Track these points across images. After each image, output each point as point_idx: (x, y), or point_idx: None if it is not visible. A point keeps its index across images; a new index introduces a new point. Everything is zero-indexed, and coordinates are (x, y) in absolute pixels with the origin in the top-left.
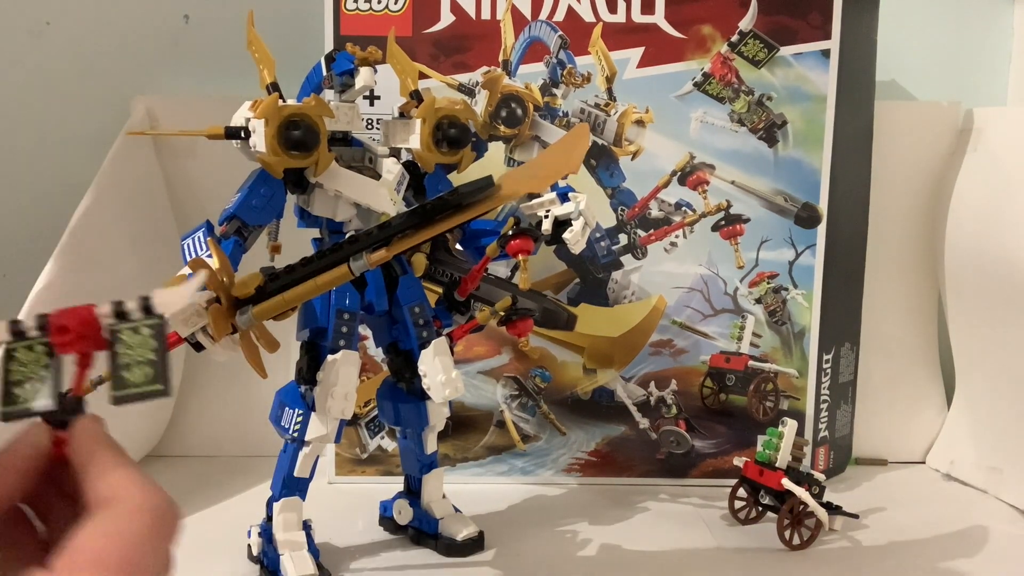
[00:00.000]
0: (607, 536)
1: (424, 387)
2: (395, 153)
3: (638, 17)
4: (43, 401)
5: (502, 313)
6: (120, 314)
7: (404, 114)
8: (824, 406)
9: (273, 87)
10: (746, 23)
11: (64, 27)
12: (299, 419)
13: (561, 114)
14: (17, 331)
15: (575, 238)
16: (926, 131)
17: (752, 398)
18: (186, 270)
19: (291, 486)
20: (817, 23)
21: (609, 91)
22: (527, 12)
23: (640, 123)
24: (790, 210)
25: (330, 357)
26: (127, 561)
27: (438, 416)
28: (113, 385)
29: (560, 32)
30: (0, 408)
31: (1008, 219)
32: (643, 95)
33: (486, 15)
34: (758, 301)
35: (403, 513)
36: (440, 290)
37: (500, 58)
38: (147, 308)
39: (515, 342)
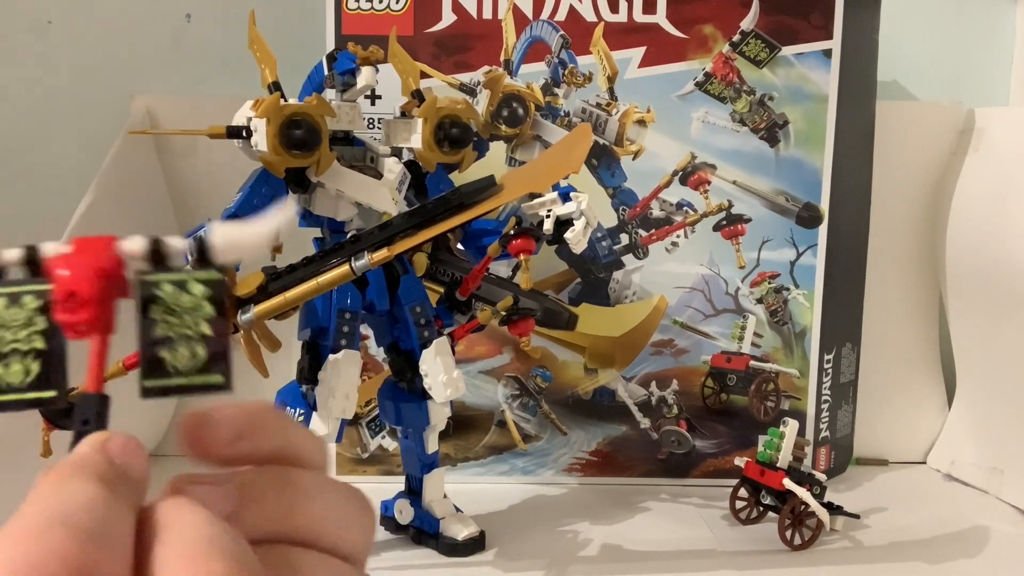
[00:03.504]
0: (608, 536)
1: (425, 387)
2: (396, 152)
3: (640, 17)
4: (45, 393)
5: (503, 313)
6: (157, 257)
7: (405, 113)
8: (825, 406)
9: (275, 86)
10: (748, 23)
11: (65, 26)
12: (300, 419)
13: (563, 114)
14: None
15: (576, 238)
16: (927, 131)
17: (753, 398)
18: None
19: None
20: (819, 23)
21: (611, 91)
22: (528, 12)
23: (641, 123)
24: (791, 210)
25: (331, 357)
26: None
27: (439, 416)
28: (145, 370)
29: (561, 32)
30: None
31: (1009, 219)
32: (644, 95)
33: (488, 15)
34: (759, 301)
35: (404, 513)
36: (441, 290)
37: (501, 58)
38: (201, 252)
39: (516, 342)
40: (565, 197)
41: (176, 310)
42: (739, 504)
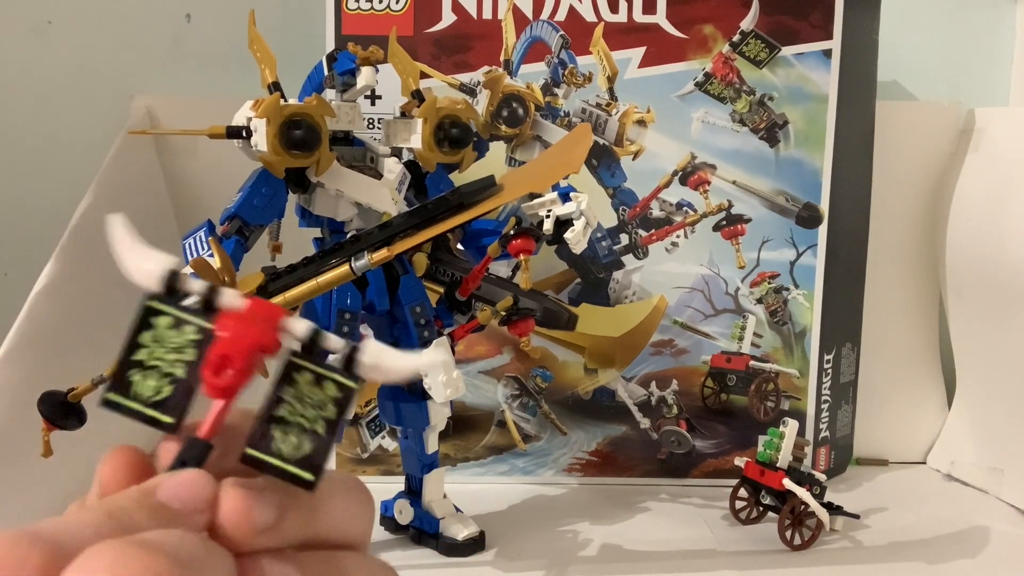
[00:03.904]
0: (608, 536)
1: (425, 387)
2: (396, 153)
3: (639, 17)
4: (164, 416)
5: (503, 313)
6: (311, 346)
7: (405, 114)
8: (825, 406)
9: (274, 86)
10: (748, 23)
11: (65, 26)
12: None
13: (562, 114)
14: (173, 288)
15: (576, 238)
16: (927, 131)
17: (753, 398)
18: (187, 270)
19: None
20: (819, 23)
21: (610, 91)
22: (528, 12)
23: (641, 123)
24: (791, 210)
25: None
26: None
27: (439, 416)
28: (252, 437)
29: (561, 32)
30: (105, 392)
31: (1009, 219)
32: (644, 95)
33: (487, 15)
34: (759, 301)
35: (404, 513)
36: (441, 290)
37: (501, 58)
38: (350, 360)
39: (516, 342)
40: (565, 197)
41: (304, 399)
42: (739, 504)
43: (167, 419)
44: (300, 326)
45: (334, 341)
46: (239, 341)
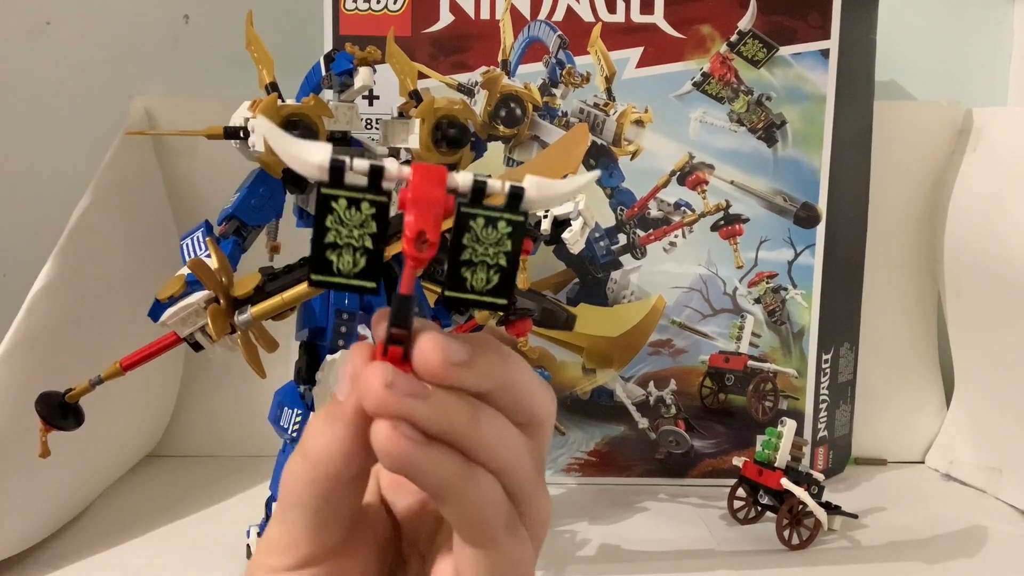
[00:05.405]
0: (606, 536)
1: None
2: (394, 153)
3: (637, 17)
4: (367, 283)
5: (501, 313)
6: (478, 195)
7: (403, 114)
8: (823, 406)
9: (272, 87)
10: (745, 23)
11: (64, 27)
12: (298, 419)
13: (560, 114)
14: (338, 168)
15: (574, 238)
16: (925, 131)
17: (751, 398)
18: (185, 270)
19: None
20: (816, 23)
21: (608, 91)
22: (526, 12)
23: (639, 123)
24: (789, 210)
25: (329, 357)
26: None
27: None
28: (448, 282)
29: (559, 32)
30: (310, 274)
31: (1008, 219)
32: (642, 95)
33: (485, 15)
34: (757, 301)
35: None
36: (439, 290)
37: (499, 58)
38: (514, 195)
39: (514, 342)
40: None
41: (482, 241)
42: (737, 504)
43: (370, 284)
44: (464, 179)
45: (493, 186)
46: (428, 217)
